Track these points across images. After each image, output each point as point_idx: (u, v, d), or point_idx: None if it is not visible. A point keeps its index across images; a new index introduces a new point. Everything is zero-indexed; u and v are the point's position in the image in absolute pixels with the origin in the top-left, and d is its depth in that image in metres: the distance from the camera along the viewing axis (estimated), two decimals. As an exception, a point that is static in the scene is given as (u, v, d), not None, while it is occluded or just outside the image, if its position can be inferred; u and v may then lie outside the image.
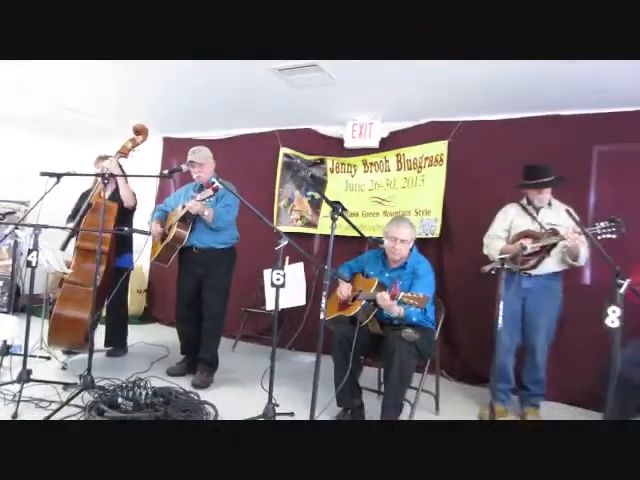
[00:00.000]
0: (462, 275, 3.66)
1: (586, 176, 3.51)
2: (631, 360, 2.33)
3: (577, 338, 3.32)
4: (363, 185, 4.34)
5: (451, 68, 3.00)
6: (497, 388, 3.00)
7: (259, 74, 3.36)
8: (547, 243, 2.73)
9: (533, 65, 2.81)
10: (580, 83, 3.10)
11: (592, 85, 3.12)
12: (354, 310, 2.64)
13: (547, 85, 3.19)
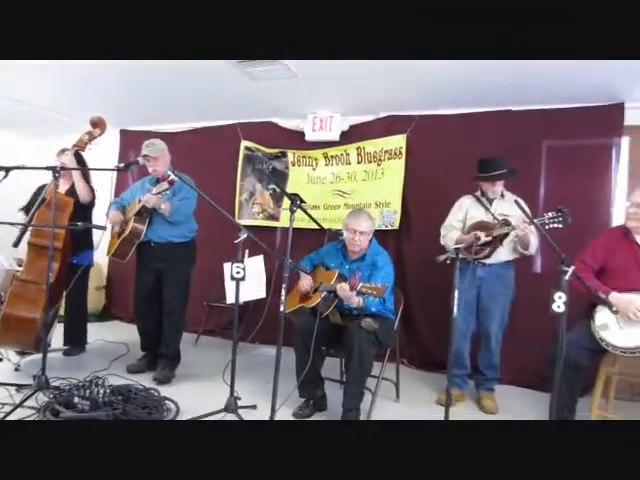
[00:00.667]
0: (421, 265, 3.73)
1: (536, 169, 3.65)
2: (577, 343, 2.44)
3: (529, 324, 3.45)
4: (324, 178, 4.36)
5: (409, 64, 3.04)
6: (454, 374, 3.10)
7: (219, 66, 3.30)
8: (499, 233, 2.83)
9: (486, 63, 2.88)
10: (530, 80, 3.20)
11: (541, 82, 3.23)
12: (315, 302, 2.66)
13: (499, 81, 3.27)
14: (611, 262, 2.55)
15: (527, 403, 3.18)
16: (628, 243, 2.54)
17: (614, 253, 2.55)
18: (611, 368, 2.66)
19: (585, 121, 3.50)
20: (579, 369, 2.44)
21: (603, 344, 2.40)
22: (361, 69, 3.22)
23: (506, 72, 3.09)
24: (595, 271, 2.59)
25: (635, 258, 2.49)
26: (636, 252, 2.50)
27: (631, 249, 2.52)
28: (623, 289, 2.42)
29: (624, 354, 2.36)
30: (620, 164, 3.44)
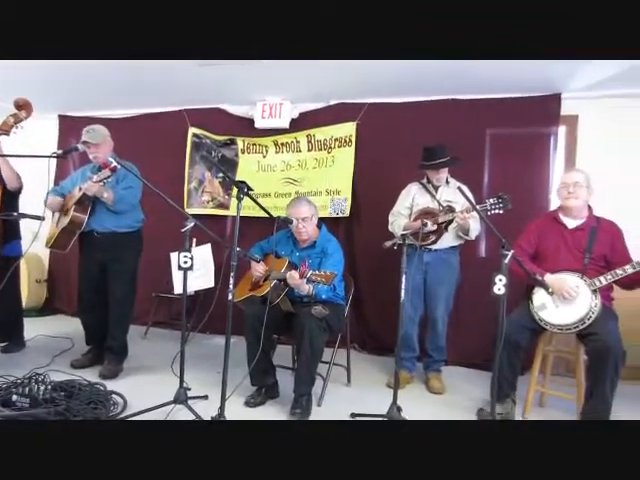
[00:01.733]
0: (371, 252, 3.77)
1: (480, 157, 3.76)
2: (517, 323, 2.55)
3: (474, 306, 3.59)
4: (275, 166, 4.32)
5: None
6: (403, 357, 3.18)
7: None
8: (445, 220, 2.90)
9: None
10: (474, 71, 3.28)
11: (484, 73, 3.32)
12: (265, 290, 2.65)
13: (445, 71, 3.33)
14: (543, 246, 2.70)
15: (473, 382, 3.31)
16: (557, 226, 2.68)
17: (545, 237, 2.69)
18: (548, 346, 2.82)
19: (525, 111, 3.64)
20: (519, 348, 2.57)
21: (542, 324, 2.54)
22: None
23: (452, 62, 3.13)
24: (530, 255, 2.72)
25: (564, 240, 2.63)
26: (564, 235, 2.65)
27: (559, 232, 2.66)
28: (555, 270, 2.56)
29: (561, 331, 2.51)
30: (557, 152, 3.62)
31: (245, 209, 4.05)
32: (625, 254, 2.54)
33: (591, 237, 2.57)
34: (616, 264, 2.47)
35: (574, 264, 2.55)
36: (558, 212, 2.72)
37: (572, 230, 2.63)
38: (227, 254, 3.69)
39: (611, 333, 2.34)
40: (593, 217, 2.65)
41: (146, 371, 3.18)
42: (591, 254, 2.54)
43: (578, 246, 2.59)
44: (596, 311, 2.38)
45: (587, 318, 2.39)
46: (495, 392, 2.25)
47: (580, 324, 2.40)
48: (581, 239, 2.59)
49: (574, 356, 2.69)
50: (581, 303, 2.42)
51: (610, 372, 2.27)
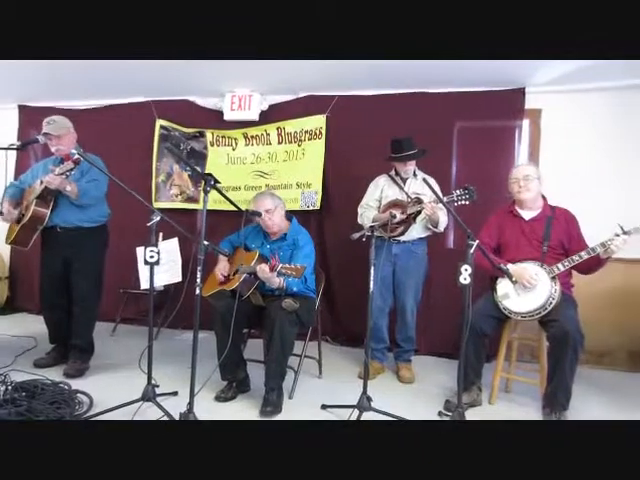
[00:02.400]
0: (342, 245, 3.77)
1: (448, 149, 3.81)
2: (482, 312, 2.62)
3: (443, 297, 3.66)
4: (245, 159, 4.27)
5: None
6: (373, 348, 3.23)
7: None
8: (413, 211, 2.93)
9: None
10: (442, 65, 3.29)
11: (452, 67, 3.34)
12: (234, 284, 2.63)
13: (414, 65, 3.33)
14: (503, 238, 2.77)
15: (442, 371, 3.37)
16: (514, 219, 2.77)
17: (505, 230, 2.77)
18: (513, 334, 2.90)
19: (491, 104, 3.71)
20: (484, 336, 2.64)
21: (506, 312, 2.61)
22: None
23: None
24: (493, 248, 2.79)
25: (522, 231, 2.71)
26: (522, 226, 2.73)
27: (518, 224, 2.74)
28: (516, 260, 2.63)
29: (524, 318, 2.58)
30: (521, 144, 3.71)
31: (216, 203, 4.03)
32: (580, 241, 2.63)
33: (547, 226, 2.65)
34: (573, 251, 2.56)
35: (533, 253, 2.63)
36: (514, 205, 2.79)
37: (529, 221, 2.71)
38: (194, 248, 3.66)
39: (570, 319, 2.42)
40: (548, 207, 2.73)
41: (114, 369, 3.12)
42: (549, 242, 2.63)
43: (536, 236, 2.67)
44: (556, 297, 2.46)
45: (548, 304, 2.46)
46: (461, 380, 2.30)
47: (542, 310, 2.48)
48: (538, 229, 2.67)
49: (537, 342, 2.78)
50: (541, 290, 2.50)
51: (569, 356, 2.35)
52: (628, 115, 3.61)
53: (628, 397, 3.01)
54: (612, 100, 3.62)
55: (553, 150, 3.65)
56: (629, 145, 3.61)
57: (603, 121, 3.64)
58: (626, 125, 3.61)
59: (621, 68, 3.25)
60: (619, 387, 3.22)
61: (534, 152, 3.76)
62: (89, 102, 4.59)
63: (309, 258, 2.77)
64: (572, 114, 3.67)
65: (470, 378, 2.69)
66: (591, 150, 3.64)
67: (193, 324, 2.11)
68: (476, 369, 2.71)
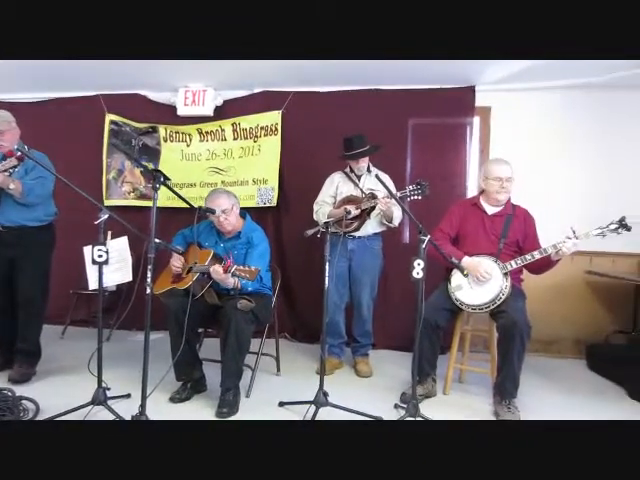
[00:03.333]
0: (299, 241, 3.70)
1: (403, 146, 3.88)
2: (436, 305, 2.68)
3: (399, 291, 3.74)
4: (200, 155, 4.21)
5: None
6: (330, 343, 3.25)
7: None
8: (367, 207, 2.97)
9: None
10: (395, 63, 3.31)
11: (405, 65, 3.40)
12: (187, 283, 2.58)
13: (368, 62, 3.32)
14: (464, 229, 2.84)
15: (399, 364, 3.43)
16: (477, 211, 2.84)
17: (466, 221, 2.84)
18: (465, 325, 3.00)
19: (443, 102, 3.80)
20: (438, 328, 2.70)
21: (458, 304, 2.68)
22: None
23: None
24: (451, 238, 2.86)
25: (483, 225, 2.79)
26: (484, 219, 2.81)
27: (480, 217, 2.82)
28: (474, 253, 2.70)
29: (475, 311, 2.66)
30: (472, 141, 3.82)
31: (169, 200, 3.96)
32: (535, 241, 2.74)
33: (507, 223, 2.74)
34: (527, 249, 2.66)
35: (490, 248, 2.71)
36: (480, 198, 2.86)
37: (491, 216, 2.79)
38: (145, 246, 3.58)
39: (518, 310, 2.51)
40: (510, 205, 2.82)
41: (63, 373, 3.01)
42: (505, 239, 2.71)
43: (495, 231, 2.75)
44: (506, 292, 2.55)
45: (498, 299, 2.55)
46: (416, 372, 2.36)
47: (492, 304, 2.56)
48: (498, 225, 2.76)
49: (489, 334, 2.88)
50: (493, 285, 2.58)
51: (517, 346, 2.44)
52: (574, 113, 3.79)
53: (570, 381, 3.20)
54: (559, 98, 3.79)
55: (502, 147, 3.77)
56: (575, 143, 3.78)
57: (550, 119, 3.81)
58: (572, 123, 3.79)
59: (567, 67, 3.39)
60: (564, 373, 3.40)
61: (484, 149, 3.89)
62: (34, 95, 4.39)
63: (264, 257, 2.76)
64: (520, 112, 3.82)
65: (425, 370, 2.75)
66: (538, 148, 3.80)
67: (154, 325, 2.06)
68: (431, 361, 2.78)
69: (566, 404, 2.77)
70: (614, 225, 2.45)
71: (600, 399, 2.87)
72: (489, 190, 2.78)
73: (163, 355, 2.70)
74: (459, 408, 2.66)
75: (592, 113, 3.76)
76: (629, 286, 3.64)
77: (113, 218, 2.29)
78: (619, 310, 3.73)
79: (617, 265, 3.71)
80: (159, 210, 4.08)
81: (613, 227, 2.45)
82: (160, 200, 3.89)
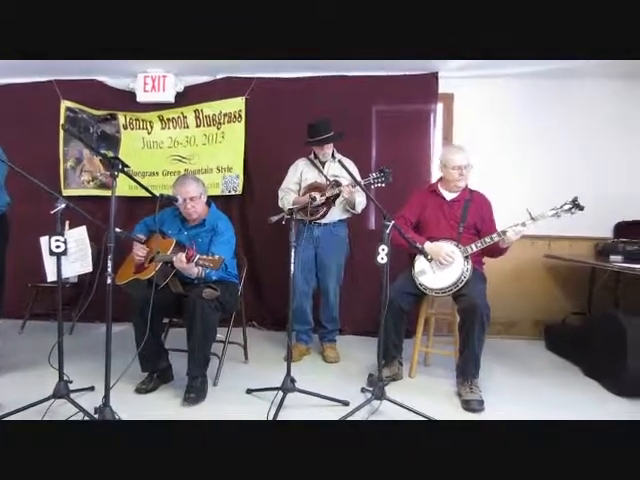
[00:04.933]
0: (265, 229, 3.69)
1: (368, 132, 3.92)
2: (400, 290, 2.75)
3: (365, 277, 3.80)
4: (161, 143, 4.14)
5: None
6: (298, 330, 3.29)
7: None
8: (332, 194, 3.00)
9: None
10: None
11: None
12: (150, 273, 2.55)
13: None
14: (424, 216, 2.91)
15: (366, 349, 3.48)
16: (436, 198, 2.91)
17: (426, 208, 2.91)
18: (430, 310, 3.08)
19: (407, 88, 3.85)
20: (403, 312, 2.77)
21: (422, 288, 2.75)
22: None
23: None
24: (413, 224, 2.93)
25: (442, 211, 2.87)
26: (442, 205, 2.88)
27: (439, 204, 2.89)
28: (435, 238, 2.78)
29: (438, 295, 2.74)
30: (436, 127, 3.89)
31: (131, 189, 3.91)
32: (492, 224, 2.85)
33: (465, 208, 2.83)
34: (484, 232, 2.76)
35: (451, 232, 2.80)
36: (438, 185, 2.93)
37: (450, 202, 2.87)
38: (105, 236, 3.52)
39: (478, 293, 2.60)
40: (467, 190, 2.90)
41: (23, 368, 2.94)
42: (464, 223, 2.80)
43: (454, 216, 2.83)
44: (467, 275, 2.63)
45: (460, 282, 2.63)
46: (381, 355, 2.42)
47: (454, 287, 2.65)
48: (457, 210, 2.84)
49: (451, 317, 2.98)
50: (455, 268, 2.67)
51: (477, 328, 2.53)
52: (537, 99, 3.90)
53: (529, 361, 3.36)
54: (522, 85, 3.89)
55: (465, 134, 3.86)
56: (537, 129, 3.90)
57: (513, 105, 3.92)
58: (535, 109, 3.90)
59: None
60: (523, 353, 3.55)
61: (448, 135, 3.97)
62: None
63: (229, 244, 2.76)
64: (483, 99, 3.91)
65: (391, 353, 2.83)
66: (500, 135, 3.91)
67: (116, 317, 2.04)
68: (396, 344, 2.85)
69: (525, 384, 2.89)
70: (567, 205, 2.56)
71: (557, 377, 3.01)
72: (448, 179, 2.86)
73: (128, 347, 2.67)
74: (423, 390, 2.74)
75: (555, 99, 3.88)
76: (585, 269, 3.81)
77: (71, 208, 2.23)
78: (576, 292, 3.90)
79: (574, 249, 3.88)
80: (122, 200, 4.11)
81: (567, 207, 2.56)
82: (122, 189, 3.88)
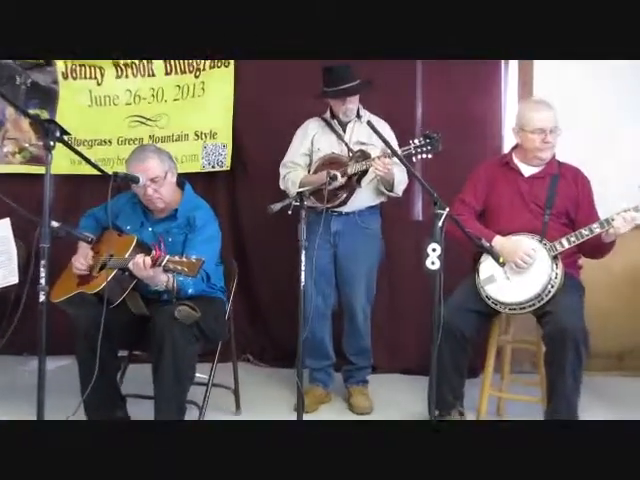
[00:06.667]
0: (263, 222, 3.71)
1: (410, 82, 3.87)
2: (459, 307, 2.72)
3: (408, 289, 3.81)
4: (117, 98, 4.20)
5: None
6: (313, 367, 3.31)
7: None
8: (356, 170, 2.99)
9: None
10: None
11: None
12: (100, 284, 2.58)
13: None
14: (493, 199, 2.91)
15: (409, 393, 3.49)
16: (510, 174, 2.90)
17: (496, 188, 2.91)
18: (504, 335, 3.05)
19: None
20: (464, 340, 2.75)
21: (490, 303, 2.73)
22: None
23: None
24: (477, 212, 2.93)
25: (519, 191, 2.85)
26: (519, 183, 2.86)
27: (514, 181, 2.88)
28: (510, 230, 2.76)
29: (514, 312, 2.72)
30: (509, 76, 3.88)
31: (74, 164, 4.01)
32: (591, 209, 2.83)
33: (552, 187, 2.80)
34: (580, 222, 2.74)
35: (533, 222, 2.78)
36: (512, 155, 2.92)
37: (529, 178, 2.86)
38: (37, 233, 3.57)
39: (570, 310, 2.57)
40: (555, 163, 2.88)
41: None
42: (551, 209, 2.78)
43: (536, 199, 2.82)
44: (556, 283, 2.61)
45: (545, 293, 2.61)
46: (434, 403, 2.40)
47: (537, 301, 2.62)
48: (539, 190, 2.82)
49: (537, 346, 2.95)
50: (538, 273, 2.65)
51: (570, 361, 2.51)
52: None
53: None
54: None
55: (551, 85, 3.78)
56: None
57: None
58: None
59: None
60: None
61: (526, 86, 3.91)
62: None
63: (212, 244, 2.79)
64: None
65: (448, 400, 2.82)
66: (600, 89, 3.82)
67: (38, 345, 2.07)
68: (455, 386, 2.85)
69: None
70: None
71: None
72: (527, 146, 2.83)
73: (70, 388, 2.73)
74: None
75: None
76: None
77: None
78: None
79: None
80: (62, 180, 4.16)
81: None
82: (61, 165, 3.95)
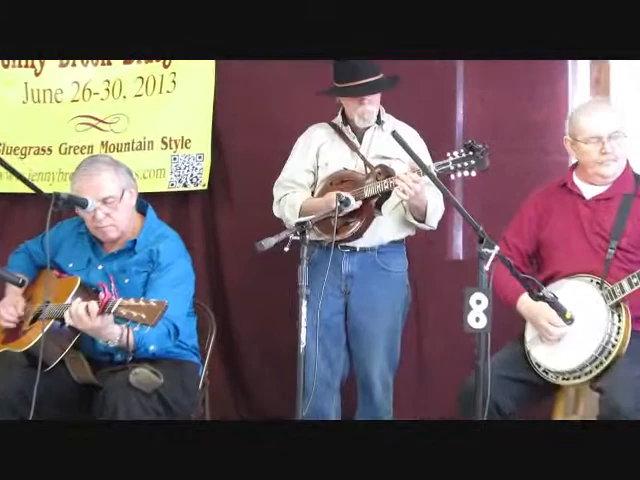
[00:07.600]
0: (253, 261, 3.76)
1: (448, 80, 3.88)
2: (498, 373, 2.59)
3: (442, 353, 3.76)
4: (60, 92, 4.25)
5: None
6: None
7: None
8: (376, 192, 2.96)
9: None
10: None
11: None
12: (32, 340, 2.60)
13: None
14: (546, 231, 2.84)
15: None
16: (569, 198, 2.84)
17: (551, 217, 2.84)
18: (572, 415, 2.98)
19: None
20: (500, 415, 2.64)
21: (540, 371, 2.67)
22: None
23: None
24: (526, 255, 2.88)
25: (578, 218, 2.78)
26: (579, 209, 2.79)
27: (572, 206, 2.82)
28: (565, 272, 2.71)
29: (567, 381, 2.65)
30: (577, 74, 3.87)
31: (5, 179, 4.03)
32: None
33: (622, 211, 2.73)
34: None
35: (591, 260, 2.70)
36: (572, 174, 2.88)
37: (591, 201, 2.79)
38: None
39: (624, 383, 2.47)
40: (629, 177, 2.81)
41: None
42: (619, 241, 2.69)
43: (600, 228, 2.74)
44: (617, 342, 2.53)
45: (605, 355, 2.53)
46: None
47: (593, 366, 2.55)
48: (605, 215, 2.75)
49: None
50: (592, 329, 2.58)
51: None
52: None
53: None
54: None
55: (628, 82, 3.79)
56: None
57: None
58: None
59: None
60: None
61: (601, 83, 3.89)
62: None
63: (181, 287, 2.81)
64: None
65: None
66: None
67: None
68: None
69: None
70: None
71: None
72: (583, 160, 2.81)
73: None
74: None
75: None
76: None
77: None
78: None
79: None
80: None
81: None
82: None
